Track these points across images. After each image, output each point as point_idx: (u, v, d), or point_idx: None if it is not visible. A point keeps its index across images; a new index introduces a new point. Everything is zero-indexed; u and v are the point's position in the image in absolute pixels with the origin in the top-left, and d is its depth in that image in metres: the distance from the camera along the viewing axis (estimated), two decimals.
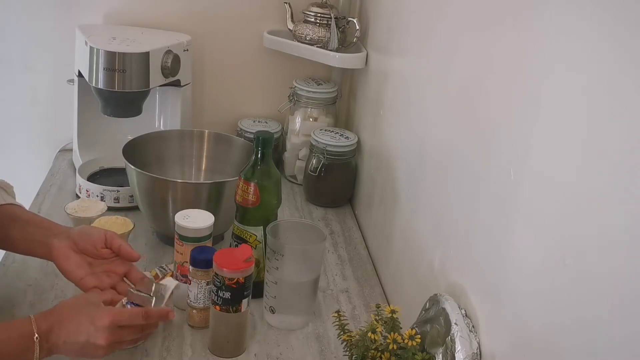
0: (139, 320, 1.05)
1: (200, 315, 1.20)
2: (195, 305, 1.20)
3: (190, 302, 1.20)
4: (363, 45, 1.71)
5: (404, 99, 1.37)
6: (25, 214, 1.20)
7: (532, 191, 0.81)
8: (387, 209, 1.42)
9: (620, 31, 0.65)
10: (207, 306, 1.19)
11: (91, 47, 1.52)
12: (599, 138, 0.67)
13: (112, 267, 1.17)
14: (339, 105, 1.85)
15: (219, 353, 1.16)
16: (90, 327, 1.00)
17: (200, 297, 1.19)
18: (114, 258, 1.18)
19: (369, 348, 0.96)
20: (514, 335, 0.84)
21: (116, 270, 1.17)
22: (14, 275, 1.32)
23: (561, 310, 0.73)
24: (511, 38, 0.88)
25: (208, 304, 1.19)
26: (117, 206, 1.55)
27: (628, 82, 0.63)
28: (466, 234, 1.00)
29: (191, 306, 1.20)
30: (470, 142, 1.00)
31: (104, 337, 1.00)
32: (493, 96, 0.93)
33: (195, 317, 1.21)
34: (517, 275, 0.83)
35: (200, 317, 1.20)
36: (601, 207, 0.67)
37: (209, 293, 1.18)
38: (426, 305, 1.02)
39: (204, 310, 1.20)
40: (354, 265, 1.47)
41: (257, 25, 1.81)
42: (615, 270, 0.64)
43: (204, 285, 1.18)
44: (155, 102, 1.73)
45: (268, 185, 1.24)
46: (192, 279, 1.18)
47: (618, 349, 0.63)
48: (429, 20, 1.24)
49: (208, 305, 1.19)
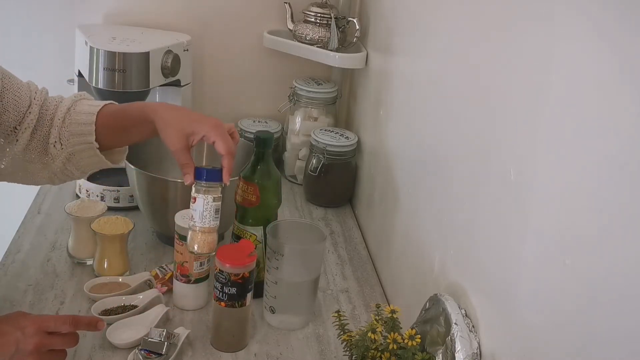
0: (67, 327, 1.04)
1: (205, 238, 1.12)
2: (201, 226, 1.11)
3: (195, 223, 1.12)
4: (363, 45, 1.71)
5: (404, 99, 1.37)
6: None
7: (532, 191, 0.81)
8: (387, 209, 1.42)
9: (620, 31, 0.65)
10: (214, 227, 1.13)
11: (91, 47, 1.53)
12: (599, 138, 0.67)
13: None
14: (339, 105, 1.85)
15: (224, 348, 1.16)
16: (18, 333, 1.00)
17: (206, 215, 1.11)
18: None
19: (369, 348, 0.96)
20: (514, 335, 0.84)
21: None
22: (14, 275, 1.32)
23: (561, 310, 0.73)
24: (511, 38, 0.88)
25: (215, 225, 1.13)
26: (117, 206, 1.55)
27: (628, 82, 0.63)
28: (466, 234, 1.00)
29: (195, 228, 1.12)
30: (470, 142, 1.00)
31: (33, 342, 1.00)
32: (493, 96, 0.93)
33: (201, 241, 1.12)
34: (517, 275, 0.83)
35: (205, 241, 1.12)
36: (601, 207, 0.67)
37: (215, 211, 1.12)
38: (426, 305, 1.02)
39: (210, 232, 1.12)
40: (354, 265, 1.47)
41: (257, 25, 1.81)
42: (615, 270, 0.64)
43: (211, 202, 1.11)
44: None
45: (268, 185, 1.24)
46: (195, 195, 1.12)
47: (618, 348, 0.63)
48: (429, 20, 1.24)
49: (215, 226, 1.13)
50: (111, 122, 1.16)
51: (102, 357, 1.13)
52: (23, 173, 1.17)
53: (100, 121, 1.15)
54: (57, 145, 1.15)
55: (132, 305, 1.23)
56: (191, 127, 1.12)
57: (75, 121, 1.15)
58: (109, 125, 1.16)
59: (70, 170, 1.18)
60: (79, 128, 1.15)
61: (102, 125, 1.15)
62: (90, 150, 1.16)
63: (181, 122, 1.13)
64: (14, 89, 1.13)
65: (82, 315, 1.07)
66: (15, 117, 1.12)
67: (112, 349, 1.14)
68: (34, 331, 1.00)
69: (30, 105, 1.14)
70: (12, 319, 1.03)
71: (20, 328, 1.00)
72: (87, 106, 1.17)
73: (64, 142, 1.15)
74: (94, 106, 1.17)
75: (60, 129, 1.15)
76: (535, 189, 0.80)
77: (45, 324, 1.02)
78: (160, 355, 1.10)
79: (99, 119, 1.15)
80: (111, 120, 1.16)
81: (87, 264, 1.36)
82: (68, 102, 1.17)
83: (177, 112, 1.15)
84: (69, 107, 1.16)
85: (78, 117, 1.16)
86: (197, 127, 1.12)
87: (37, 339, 1.00)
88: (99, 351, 1.14)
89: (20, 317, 1.03)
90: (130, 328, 1.17)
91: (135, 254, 1.41)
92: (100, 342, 1.15)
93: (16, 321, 1.02)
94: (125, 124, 1.18)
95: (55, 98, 1.19)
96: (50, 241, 1.44)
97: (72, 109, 1.16)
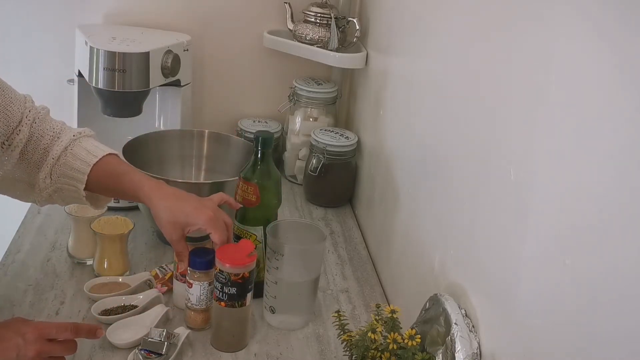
0: (67, 335, 1.05)
1: (202, 316, 1.20)
2: (197, 308, 1.19)
3: (192, 304, 1.20)
4: (363, 45, 1.71)
5: (404, 99, 1.37)
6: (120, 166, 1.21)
7: (532, 191, 0.81)
8: (387, 209, 1.42)
9: (619, 31, 0.65)
10: (209, 306, 1.19)
11: (91, 47, 1.52)
12: (599, 138, 0.67)
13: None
14: (339, 105, 1.85)
15: (224, 348, 1.17)
16: (19, 339, 1.00)
17: (202, 298, 1.19)
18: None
19: (369, 348, 0.96)
20: (514, 335, 0.84)
21: None
22: (14, 275, 1.32)
23: (561, 310, 0.73)
24: (511, 38, 0.88)
25: (210, 304, 1.19)
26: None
27: (628, 82, 0.63)
28: (466, 234, 1.00)
29: (192, 309, 1.20)
30: (470, 142, 1.00)
31: (34, 349, 1.00)
32: (493, 96, 0.93)
33: (197, 319, 1.20)
34: (517, 275, 0.83)
35: (202, 318, 1.20)
36: (601, 207, 0.67)
37: (210, 292, 1.18)
38: (426, 305, 1.02)
39: (206, 310, 1.20)
40: (354, 265, 1.47)
41: (257, 25, 1.81)
42: (615, 270, 0.64)
43: (207, 287, 1.18)
44: (155, 102, 1.73)
45: (268, 185, 1.24)
46: (191, 281, 1.18)
47: (618, 348, 0.63)
48: (429, 20, 1.24)
49: (210, 305, 1.19)
50: (103, 180, 1.17)
51: (102, 357, 1.13)
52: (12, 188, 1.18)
53: (93, 174, 1.15)
54: (47, 180, 1.16)
55: (132, 305, 1.23)
56: (187, 220, 1.14)
57: (70, 165, 1.15)
58: (100, 183, 1.17)
59: (55, 200, 1.20)
60: (71, 173, 1.15)
61: (94, 178, 1.16)
62: (76, 193, 1.17)
63: (175, 215, 1.14)
64: (7, 102, 1.12)
65: (82, 323, 1.08)
66: (3, 132, 1.12)
67: (112, 349, 1.14)
68: (35, 338, 1.01)
69: (21, 123, 1.14)
70: (12, 325, 1.03)
71: (21, 334, 1.01)
72: (85, 152, 1.17)
73: (54, 178, 1.16)
74: (91, 155, 1.17)
75: (53, 167, 1.15)
76: (535, 189, 0.80)
77: (46, 331, 1.03)
78: (160, 355, 1.10)
79: (93, 171, 1.15)
80: (104, 180, 1.17)
81: (87, 264, 1.36)
82: (66, 141, 1.17)
83: (171, 203, 1.15)
84: (66, 146, 1.16)
85: (73, 161, 1.16)
86: (192, 220, 1.14)
87: (38, 346, 1.01)
88: (99, 351, 1.14)
89: (20, 324, 1.03)
90: (130, 328, 1.17)
91: (135, 254, 1.41)
92: (100, 342, 1.15)
93: (17, 327, 1.02)
94: (117, 190, 1.19)
95: (53, 126, 1.18)
96: (50, 241, 1.44)
97: (69, 150, 1.16)
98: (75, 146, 1.17)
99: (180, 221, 1.13)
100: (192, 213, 1.14)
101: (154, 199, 1.15)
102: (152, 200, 1.15)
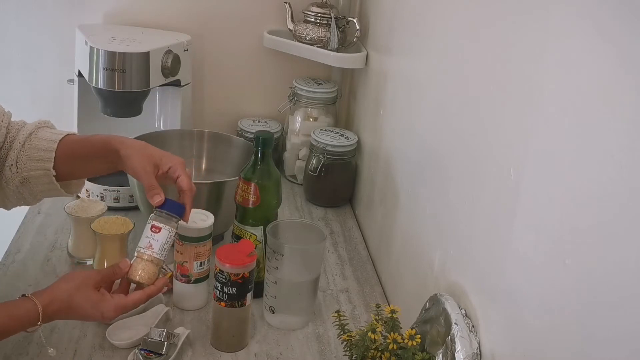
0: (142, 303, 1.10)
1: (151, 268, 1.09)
2: (156, 257, 1.09)
3: (153, 252, 1.09)
4: (363, 45, 1.71)
5: (404, 99, 1.37)
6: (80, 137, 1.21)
7: (532, 191, 0.81)
8: (387, 209, 1.42)
9: (619, 31, 0.65)
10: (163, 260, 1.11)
11: (91, 47, 1.52)
12: (599, 137, 0.67)
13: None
14: (339, 105, 1.85)
15: (224, 348, 1.17)
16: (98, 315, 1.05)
17: (165, 247, 1.10)
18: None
19: (369, 348, 0.96)
20: (514, 335, 0.84)
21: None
22: (14, 275, 1.32)
23: (561, 310, 0.73)
24: (511, 38, 0.88)
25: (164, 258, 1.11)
26: (117, 206, 1.55)
27: (628, 81, 0.63)
28: (466, 234, 1.00)
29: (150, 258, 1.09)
30: (470, 142, 1.00)
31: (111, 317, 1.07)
32: (493, 96, 0.93)
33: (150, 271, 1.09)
34: (517, 276, 0.83)
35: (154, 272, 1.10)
36: (601, 207, 0.67)
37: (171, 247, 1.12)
38: (426, 305, 1.02)
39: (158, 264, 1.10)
40: (354, 265, 1.47)
41: (257, 25, 1.81)
42: (615, 270, 0.64)
43: (173, 235, 1.11)
44: (155, 102, 1.73)
45: (268, 185, 1.24)
46: (161, 225, 1.10)
47: (618, 348, 0.63)
48: (429, 20, 1.24)
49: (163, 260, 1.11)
50: (72, 150, 1.16)
51: (102, 357, 1.13)
52: None
53: (61, 150, 1.15)
54: (13, 168, 1.15)
55: None
56: (159, 156, 1.14)
57: (35, 146, 1.15)
58: (69, 154, 1.16)
59: (24, 195, 1.18)
60: (38, 154, 1.15)
61: (62, 154, 1.15)
62: (46, 177, 1.15)
63: (149, 151, 1.15)
64: None
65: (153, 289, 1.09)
66: None
67: (112, 349, 1.14)
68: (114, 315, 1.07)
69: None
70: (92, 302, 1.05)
71: (102, 313, 1.05)
72: (50, 133, 1.17)
73: (20, 165, 1.15)
74: (56, 134, 1.17)
75: (19, 153, 1.15)
76: (535, 189, 0.80)
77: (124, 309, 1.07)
78: (160, 355, 1.10)
79: (60, 147, 1.15)
80: (72, 149, 1.16)
81: (87, 264, 1.36)
82: (31, 127, 1.17)
83: (144, 143, 1.16)
84: (30, 132, 1.16)
85: (39, 142, 1.16)
86: (165, 159, 1.14)
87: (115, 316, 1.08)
88: (99, 351, 1.14)
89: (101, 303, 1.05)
90: (130, 328, 1.17)
91: None
92: (100, 342, 1.15)
93: (99, 306, 1.05)
94: (87, 152, 1.18)
95: (17, 122, 1.19)
96: (50, 241, 1.44)
97: (33, 134, 1.17)
98: (39, 132, 1.18)
99: (154, 156, 1.14)
100: (166, 154, 1.16)
101: (125, 141, 1.15)
102: (124, 142, 1.14)
